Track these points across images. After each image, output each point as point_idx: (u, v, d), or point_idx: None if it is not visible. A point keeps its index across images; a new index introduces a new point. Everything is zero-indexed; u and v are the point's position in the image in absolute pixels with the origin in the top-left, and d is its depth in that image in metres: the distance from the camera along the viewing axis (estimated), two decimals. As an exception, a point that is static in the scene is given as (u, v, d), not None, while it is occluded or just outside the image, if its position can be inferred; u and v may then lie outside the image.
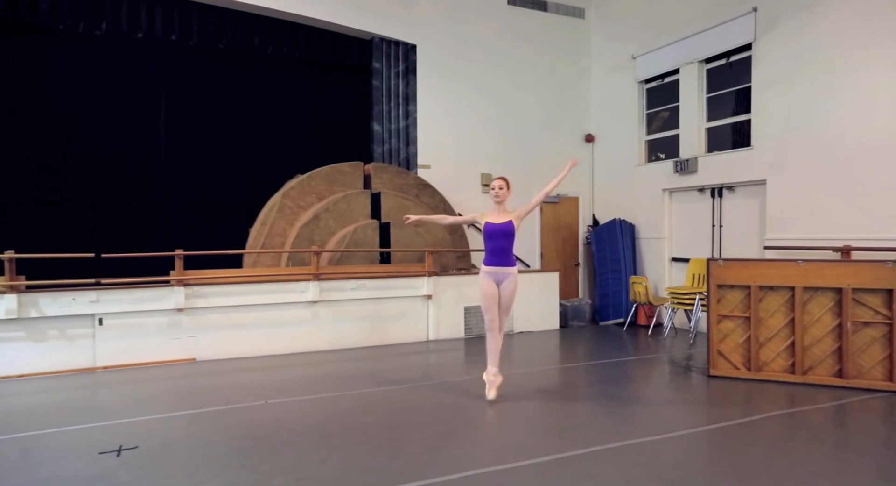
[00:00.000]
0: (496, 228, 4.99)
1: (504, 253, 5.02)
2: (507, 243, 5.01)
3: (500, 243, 5.01)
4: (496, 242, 5.01)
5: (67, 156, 7.91)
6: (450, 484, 3.48)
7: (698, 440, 4.26)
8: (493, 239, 5.02)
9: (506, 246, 5.01)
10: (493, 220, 5.04)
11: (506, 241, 5.00)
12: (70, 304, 6.30)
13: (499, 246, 5.01)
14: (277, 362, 6.85)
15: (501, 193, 5.07)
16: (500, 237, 5.00)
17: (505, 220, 5.01)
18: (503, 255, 5.02)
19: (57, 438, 4.32)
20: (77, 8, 7.60)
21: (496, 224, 5.00)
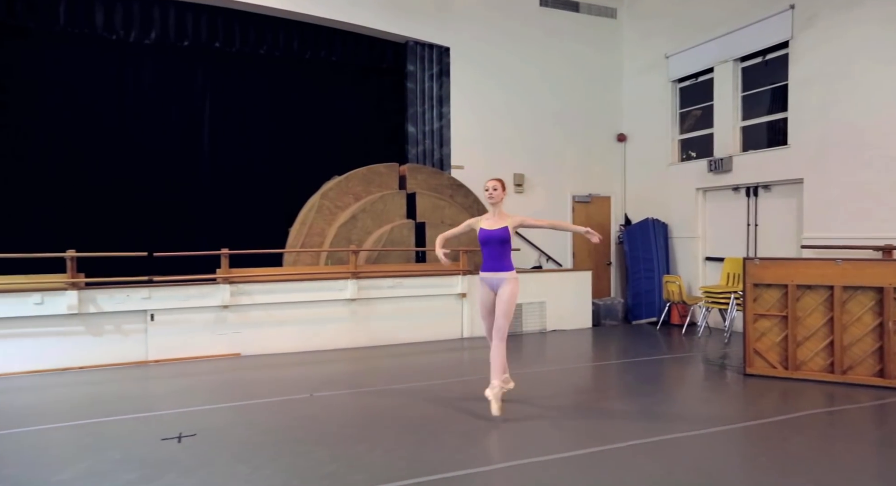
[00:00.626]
0: (490, 235, 4.72)
1: (499, 258, 4.72)
2: (501, 250, 4.72)
3: (495, 249, 4.72)
4: (490, 248, 4.74)
5: (119, 159, 8.29)
6: (493, 474, 3.63)
7: (736, 436, 4.32)
8: (487, 246, 4.76)
9: (501, 252, 4.72)
10: (487, 226, 4.78)
11: (500, 248, 4.71)
12: (125, 300, 6.64)
13: (493, 252, 4.73)
14: (318, 357, 7.09)
15: (496, 194, 4.75)
16: (494, 244, 4.72)
17: (500, 226, 4.72)
18: (498, 260, 4.72)
19: (121, 425, 4.60)
20: (128, 19, 7.98)
21: (490, 231, 4.73)
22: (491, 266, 4.74)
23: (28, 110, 7.86)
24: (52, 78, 7.94)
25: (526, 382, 5.71)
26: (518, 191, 10.03)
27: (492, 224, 4.75)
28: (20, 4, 7.44)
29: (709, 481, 3.51)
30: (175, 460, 3.86)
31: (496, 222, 4.75)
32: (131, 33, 8.02)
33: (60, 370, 6.36)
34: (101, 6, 7.82)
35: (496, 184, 4.80)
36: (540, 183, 10.22)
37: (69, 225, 7.84)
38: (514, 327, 8.48)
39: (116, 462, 3.81)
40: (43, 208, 7.87)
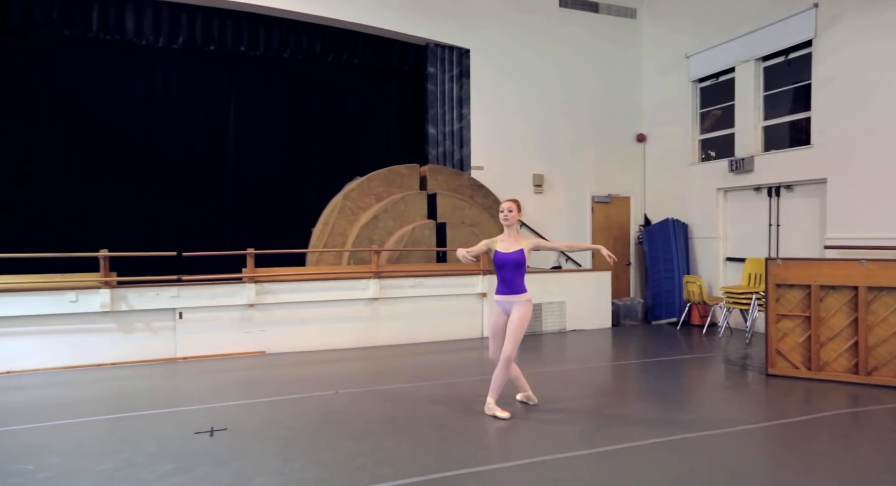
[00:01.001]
0: (505, 259, 4.70)
1: (512, 283, 4.71)
2: (516, 273, 4.71)
3: (509, 273, 4.71)
4: (505, 272, 4.73)
5: (147, 161, 8.52)
6: (517, 469, 3.70)
7: (758, 435, 4.34)
8: (502, 269, 4.74)
9: (515, 275, 4.71)
10: (502, 248, 4.74)
11: (515, 271, 4.70)
12: (154, 299, 6.83)
13: (507, 277, 4.72)
14: (341, 355, 7.21)
15: (511, 216, 4.72)
16: (510, 268, 4.70)
17: (515, 249, 4.70)
18: (511, 284, 4.71)
19: (154, 419, 4.76)
20: (157, 24, 8.20)
21: (505, 254, 4.71)
22: (504, 289, 4.74)
23: (62, 115, 8.12)
24: (84, 83, 8.19)
25: (547, 381, 5.77)
26: (538, 191, 10.08)
27: (507, 246, 4.73)
28: (56, 13, 7.68)
29: (733, 478, 3.55)
30: (208, 452, 4.00)
31: (511, 245, 4.72)
32: (160, 39, 8.24)
33: (94, 366, 6.56)
34: (131, 13, 8.04)
35: (511, 205, 4.75)
36: (559, 183, 10.25)
37: (101, 225, 8.08)
38: (534, 326, 8.54)
39: (153, 454, 3.96)
40: (76, 209, 8.12)
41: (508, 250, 4.70)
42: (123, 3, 8.00)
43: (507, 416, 4.62)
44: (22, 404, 5.23)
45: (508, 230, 4.77)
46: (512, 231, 4.77)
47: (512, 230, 4.77)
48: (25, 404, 5.22)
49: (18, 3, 7.52)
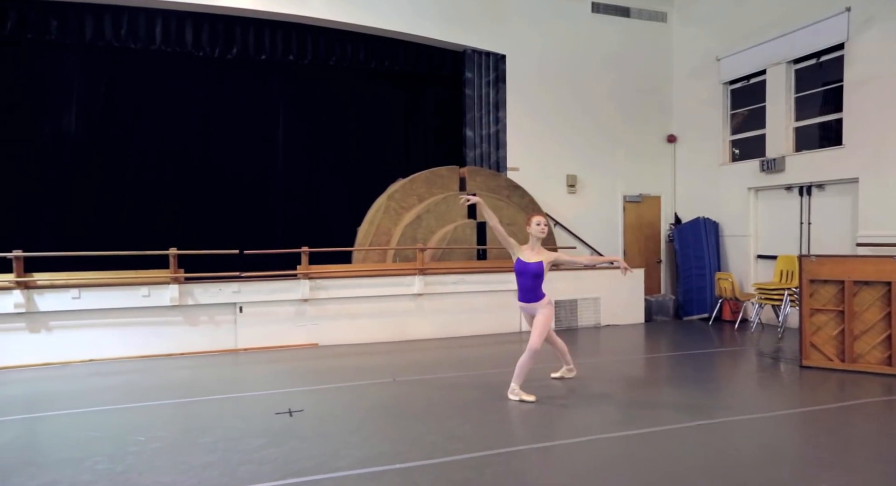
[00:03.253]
0: (525, 268, 4.99)
1: (531, 291, 5.04)
2: (534, 283, 5.01)
3: (527, 282, 5.01)
4: (524, 280, 5.03)
5: (204, 164, 9.07)
6: (572, 446, 4.07)
7: (796, 419, 4.65)
8: (521, 277, 5.05)
9: (533, 285, 5.01)
10: (525, 257, 5.03)
11: (533, 280, 4.99)
12: (218, 294, 7.32)
13: (526, 284, 5.02)
14: (389, 347, 7.64)
15: (546, 229, 5.08)
16: (528, 277, 4.99)
17: (536, 260, 4.99)
18: (530, 293, 5.05)
19: (231, 402, 5.22)
20: (214, 37, 8.73)
21: (526, 263, 5.00)
22: (524, 297, 5.09)
23: (128, 122, 8.72)
24: (147, 92, 8.79)
25: (586, 370, 6.13)
26: (571, 191, 10.41)
27: (529, 257, 5.01)
28: (125, 28, 8.24)
29: (775, 455, 3.87)
30: (292, 430, 4.44)
31: (534, 256, 5.01)
32: (216, 50, 8.76)
33: (164, 356, 7.07)
34: (191, 26, 8.57)
35: (546, 221, 5.14)
36: (592, 183, 10.57)
37: (163, 225, 8.65)
38: (571, 321, 8.90)
39: (243, 431, 4.41)
40: (143, 210, 8.71)
41: (530, 260, 4.99)
42: (184, 18, 8.54)
43: (533, 399, 5.01)
44: (111, 387, 5.73)
45: (535, 243, 5.05)
46: (538, 244, 5.06)
47: (538, 244, 5.06)
48: (115, 387, 5.73)
49: (92, 22, 8.10)
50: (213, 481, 3.52)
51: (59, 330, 6.73)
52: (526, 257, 5.03)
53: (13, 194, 8.24)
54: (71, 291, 6.74)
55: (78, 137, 8.46)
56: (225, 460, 3.83)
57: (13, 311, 6.48)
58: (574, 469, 3.69)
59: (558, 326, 8.82)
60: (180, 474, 3.62)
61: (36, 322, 6.64)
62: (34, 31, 7.93)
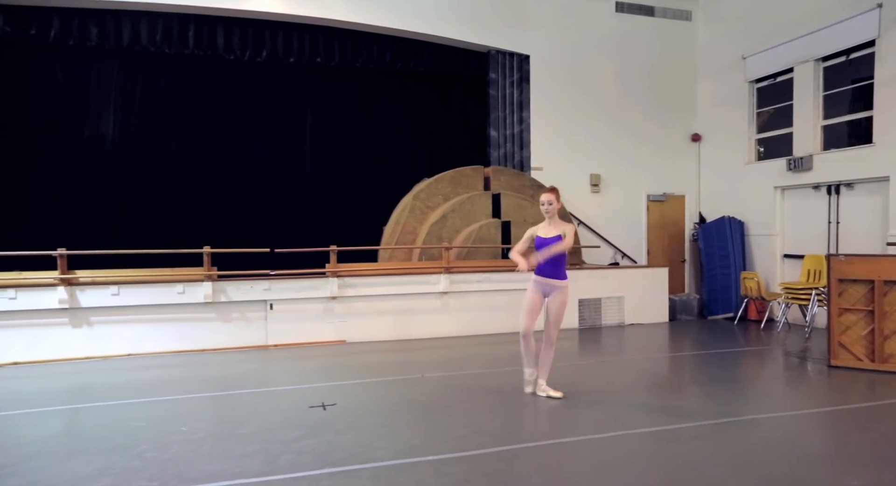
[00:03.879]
0: (545, 243, 4.95)
1: (555, 265, 4.93)
2: (558, 257, 4.92)
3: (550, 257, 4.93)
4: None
5: (234, 165, 9.31)
6: (602, 441, 4.15)
7: (825, 418, 4.67)
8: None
9: (556, 259, 4.92)
10: (542, 234, 5.02)
11: (557, 255, 4.91)
12: (249, 291, 7.52)
13: (550, 258, 4.92)
14: (415, 345, 7.77)
15: (551, 208, 4.98)
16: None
17: (555, 234, 4.95)
18: (554, 266, 4.94)
19: (266, 396, 5.39)
20: (244, 40, 8.97)
21: (546, 238, 4.97)
22: (547, 272, 4.94)
23: (166, 126, 9.02)
24: (181, 95, 9.07)
25: (610, 369, 6.22)
26: (594, 191, 10.44)
27: (547, 232, 4.99)
28: (160, 33, 8.52)
29: (804, 452, 3.91)
30: (327, 422, 4.58)
31: (552, 230, 4.98)
32: (246, 53, 8.99)
33: (198, 351, 7.29)
34: (222, 30, 8.82)
35: (551, 197, 4.98)
36: (616, 183, 10.58)
37: (197, 224, 8.91)
38: (595, 320, 8.94)
39: (280, 423, 4.57)
40: (178, 209, 8.99)
41: (549, 235, 4.96)
42: (215, 22, 8.79)
43: (560, 395, 5.05)
44: (150, 380, 5.95)
45: (549, 220, 5.02)
46: (553, 221, 5.01)
47: (553, 220, 5.01)
48: (153, 381, 5.95)
49: (129, 28, 8.40)
50: (256, 469, 3.67)
51: (100, 325, 6.99)
52: (545, 232, 5.01)
53: (55, 194, 8.58)
54: (111, 288, 6.99)
55: (115, 140, 8.79)
56: (264, 450, 3.99)
57: (57, 306, 6.76)
58: (601, 464, 3.78)
59: (581, 323, 8.88)
60: (223, 462, 3.78)
61: (78, 318, 6.91)
62: (76, 38, 8.25)
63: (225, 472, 3.63)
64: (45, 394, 5.47)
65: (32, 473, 3.62)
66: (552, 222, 5.02)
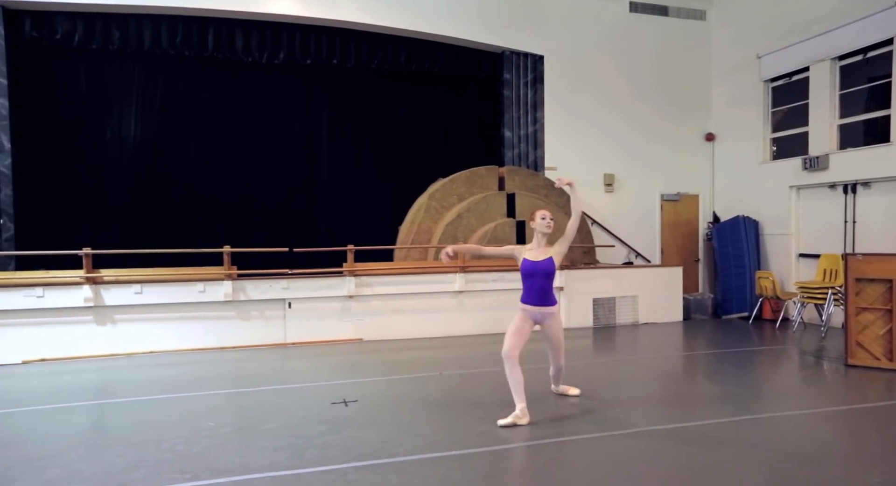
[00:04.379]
0: (535, 268, 4.48)
1: (543, 293, 4.53)
2: (546, 283, 4.52)
3: (539, 282, 4.50)
4: (534, 281, 4.51)
5: (251, 165, 9.45)
6: (627, 437, 4.20)
7: (844, 416, 4.69)
8: (530, 278, 4.53)
9: (545, 286, 4.52)
10: (531, 257, 4.52)
11: (545, 281, 4.51)
12: (268, 290, 7.63)
13: (537, 286, 4.50)
14: (432, 343, 7.84)
15: (553, 225, 4.58)
16: (539, 277, 4.49)
17: (545, 257, 4.49)
18: (542, 295, 4.53)
19: (288, 393, 5.48)
20: (262, 43, 9.09)
21: (535, 263, 4.49)
22: (536, 300, 4.53)
23: (185, 127, 9.17)
24: (199, 97, 9.23)
25: (626, 367, 6.26)
26: (608, 190, 10.47)
27: (537, 255, 4.51)
28: (179, 36, 8.66)
29: (823, 450, 3.95)
30: (349, 418, 4.67)
31: (541, 253, 4.51)
32: (264, 55, 9.12)
33: (218, 349, 7.42)
34: (241, 33, 8.95)
35: (552, 215, 4.60)
36: (629, 182, 10.60)
37: (216, 223, 9.07)
38: (609, 319, 8.97)
39: (303, 418, 4.66)
40: (198, 209, 9.15)
41: (538, 259, 4.49)
42: (234, 25, 8.92)
43: (578, 392, 5.14)
44: (174, 377, 6.08)
45: (541, 239, 4.57)
46: (544, 240, 4.57)
47: (544, 240, 4.57)
48: (176, 377, 6.07)
49: (150, 32, 8.56)
50: (284, 463, 3.77)
51: (123, 323, 7.13)
52: (532, 256, 4.53)
53: (78, 195, 8.74)
54: (134, 286, 7.13)
55: (136, 141, 8.95)
56: (291, 444, 4.08)
57: (83, 304, 6.90)
58: (621, 460, 3.83)
59: (596, 322, 8.92)
60: (252, 456, 3.88)
61: (102, 315, 7.05)
62: (98, 41, 8.41)
63: (254, 465, 3.72)
64: (73, 390, 5.61)
65: (70, 464, 3.74)
66: (543, 244, 4.57)
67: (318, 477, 3.55)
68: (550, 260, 4.49)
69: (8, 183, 7.94)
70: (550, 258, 4.49)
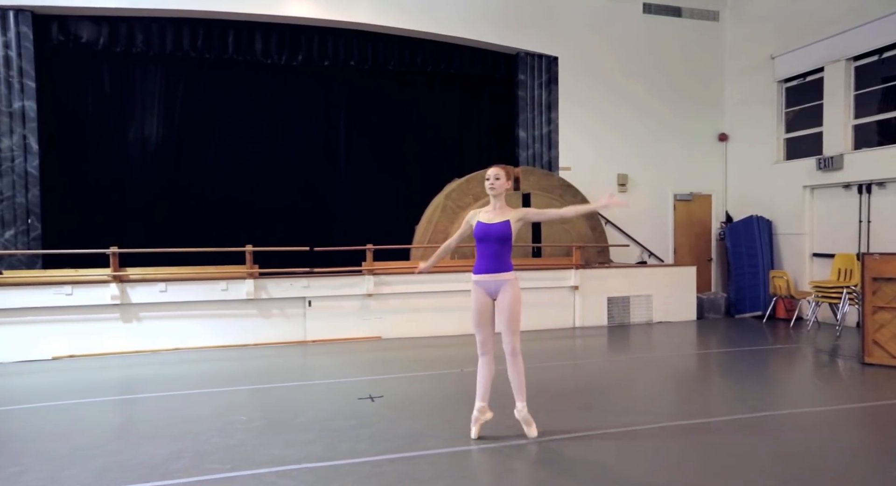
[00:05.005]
0: (487, 231, 4.01)
1: (496, 258, 4.03)
2: (500, 248, 4.02)
3: (491, 247, 4.02)
4: (486, 245, 4.03)
5: (270, 166, 9.59)
6: (655, 431, 4.30)
7: (864, 413, 4.76)
8: (483, 242, 4.04)
9: (499, 251, 4.02)
10: (485, 219, 4.06)
11: (499, 246, 4.02)
12: (289, 288, 7.76)
13: (489, 251, 4.02)
14: (450, 341, 7.95)
15: (497, 184, 4.03)
16: (492, 241, 4.01)
17: (500, 220, 4.01)
18: (495, 259, 4.03)
19: (314, 389, 5.61)
20: (281, 45, 9.24)
21: (488, 225, 4.01)
22: (486, 267, 4.04)
23: (206, 128, 9.33)
24: (220, 99, 9.38)
25: (644, 364, 6.33)
26: (622, 190, 10.55)
27: (491, 218, 4.04)
28: (200, 39, 8.82)
29: (846, 444, 4.03)
30: (378, 413, 4.79)
31: (496, 216, 4.04)
32: (282, 57, 9.26)
33: (240, 346, 7.55)
34: (260, 35, 9.09)
35: (497, 171, 4.05)
36: (643, 182, 10.68)
37: (234, 223, 9.21)
38: (623, 318, 9.05)
39: (333, 412, 4.78)
40: (218, 209, 9.30)
41: (492, 221, 4.02)
42: (254, 27, 9.06)
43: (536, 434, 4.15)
44: (200, 373, 6.21)
45: (495, 202, 4.09)
46: (499, 202, 4.08)
47: (499, 202, 4.08)
48: (202, 373, 6.21)
49: (172, 35, 8.72)
50: (319, 454, 3.88)
51: (148, 320, 7.27)
52: (486, 218, 4.06)
53: (102, 195, 8.91)
54: (158, 284, 7.27)
55: (158, 142, 9.12)
56: (323, 437, 4.20)
57: (110, 302, 7.05)
58: (645, 454, 3.92)
59: (610, 321, 9.00)
60: (287, 447, 4.00)
61: (128, 313, 7.20)
62: (122, 44, 8.57)
63: (291, 457, 3.84)
64: (104, 385, 5.75)
65: (114, 455, 3.87)
66: (498, 206, 4.08)
67: (353, 468, 3.67)
68: (507, 223, 4.00)
69: (35, 183, 8.10)
70: (507, 221, 4.00)
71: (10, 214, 7.95)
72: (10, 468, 3.68)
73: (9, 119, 7.96)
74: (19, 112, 8.01)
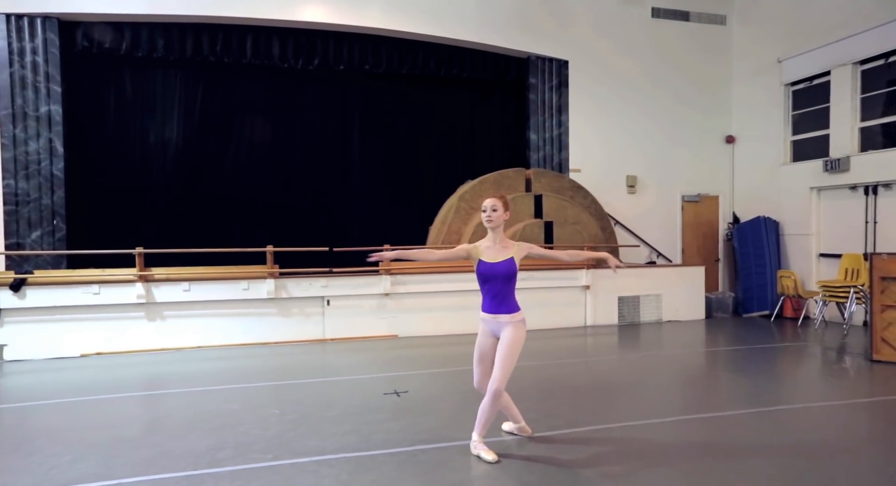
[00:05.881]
0: (493, 271, 3.83)
1: (502, 298, 3.89)
2: (505, 287, 3.88)
3: (497, 286, 3.87)
4: (492, 285, 3.88)
5: (286, 167, 9.79)
6: (666, 425, 4.47)
7: (875, 406, 4.93)
8: (488, 283, 3.89)
9: (505, 290, 3.88)
10: (488, 258, 3.85)
11: (505, 285, 3.87)
12: (308, 288, 7.94)
13: (495, 290, 3.88)
14: (465, 339, 8.04)
15: (495, 216, 3.84)
16: (498, 281, 3.85)
17: (504, 257, 3.84)
18: (500, 301, 3.89)
19: (338, 385, 5.78)
20: (298, 49, 9.43)
21: (492, 265, 3.84)
22: (493, 307, 3.90)
23: (225, 131, 9.54)
24: (238, 102, 9.59)
25: (655, 362, 6.50)
26: (630, 192, 10.73)
27: (494, 255, 3.85)
28: (220, 44, 9.02)
29: (860, 435, 4.20)
30: (404, 407, 4.96)
31: (499, 253, 3.86)
32: (299, 61, 9.44)
33: (261, 344, 7.73)
34: (277, 40, 9.28)
35: (495, 203, 3.85)
36: (651, 184, 10.85)
37: (252, 224, 9.41)
38: (633, 317, 9.22)
39: (361, 407, 4.95)
40: (237, 210, 9.52)
41: (496, 260, 3.84)
42: (271, 33, 9.26)
43: (494, 459, 3.79)
44: (225, 370, 6.38)
45: (493, 234, 3.89)
46: (497, 235, 3.90)
47: (497, 234, 3.90)
48: (227, 370, 6.38)
49: (191, 40, 8.92)
50: (354, 445, 4.06)
51: (172, 319, 7.45)
52: (489, 256, 3.87)
53: (124, 196, 9.11)
54: (182, 284, 7.46)
55: (178, 144, 9.32)
56: (357, 429, 4.38)
57: (135, 301, 7.24)
58: (658, 445, 4.09)
59: (621, 320, 9.17)
60: (323, 439, 4.18)
61: (153, 312, 7.38)
62: (144, 49, 8.78)
63: (328, 447, 4.02)
64: (134, 381, 5.94)
65: (159, 445, 4.05)
66: (498, 240, 3.90)
67: (390, 458, 3.84)
68: (511, 261, 3.84)
69: (60, 185, 8.30)
70: (511, 259, 3.84)
71: (37, 216, 8.14)
72: (64, 456, 3.86)
73: (36, 123, 8.16)
74: (45, 116, 8.21)
